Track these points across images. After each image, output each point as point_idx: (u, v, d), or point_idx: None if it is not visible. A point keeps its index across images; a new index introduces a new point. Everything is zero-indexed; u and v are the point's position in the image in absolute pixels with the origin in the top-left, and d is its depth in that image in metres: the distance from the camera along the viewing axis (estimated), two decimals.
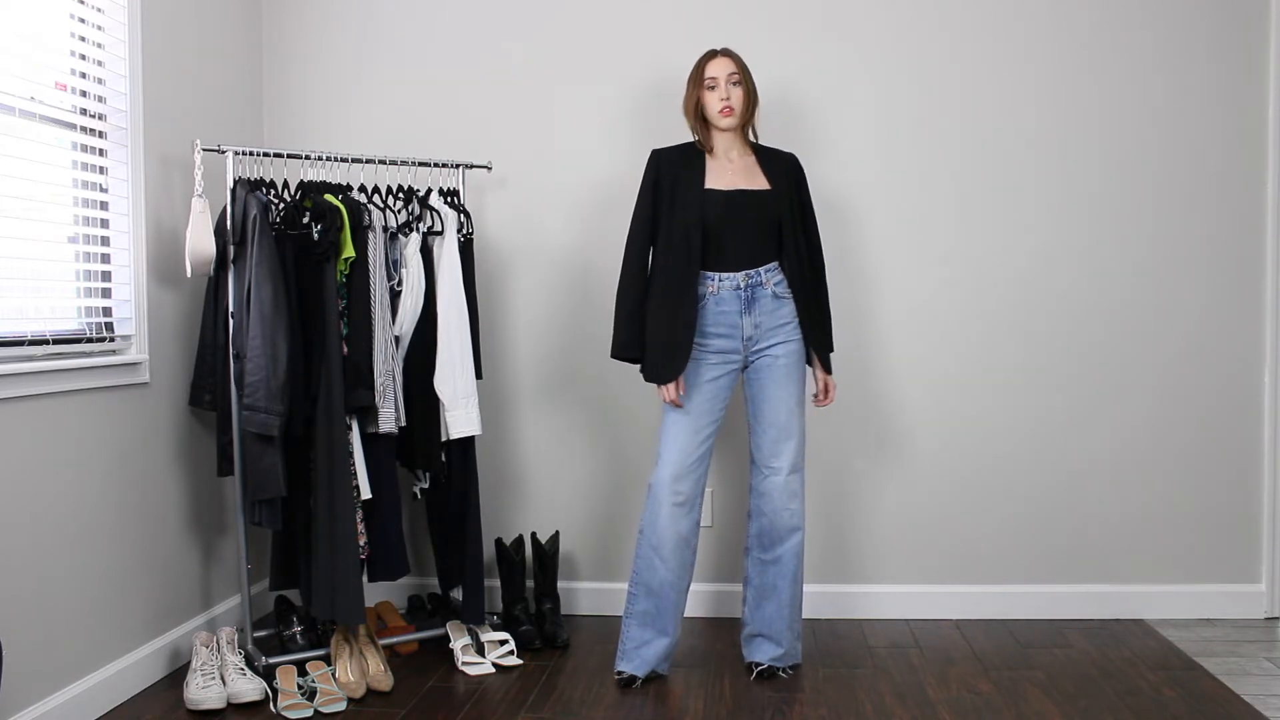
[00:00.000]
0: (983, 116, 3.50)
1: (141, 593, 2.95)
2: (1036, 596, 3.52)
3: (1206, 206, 3.49)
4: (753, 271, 2.94)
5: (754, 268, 2.94)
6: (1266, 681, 2.93)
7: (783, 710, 2.76)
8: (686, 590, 3.01)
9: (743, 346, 2.95)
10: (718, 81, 2.95)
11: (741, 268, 2.94)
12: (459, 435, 3.15)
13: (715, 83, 2.95)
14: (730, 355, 2.95)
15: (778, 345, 2.96)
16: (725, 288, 2.94)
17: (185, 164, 3.14)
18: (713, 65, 2.97)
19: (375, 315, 3.03)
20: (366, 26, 3.64)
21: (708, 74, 2.97)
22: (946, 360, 3.54)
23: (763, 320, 2.95)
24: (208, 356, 3.10)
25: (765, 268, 2.95)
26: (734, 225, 2.93)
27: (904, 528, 3.56)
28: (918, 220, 3.52)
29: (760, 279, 2.94)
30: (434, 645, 3.27)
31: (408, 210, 3.20)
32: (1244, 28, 3.45)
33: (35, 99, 2.60)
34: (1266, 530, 3.50)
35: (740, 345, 2.95)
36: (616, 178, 3.53)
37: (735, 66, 2.97)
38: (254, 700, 2.80)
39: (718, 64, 2.97)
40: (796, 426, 2.98)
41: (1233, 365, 3.50)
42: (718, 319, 2.94)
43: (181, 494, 3.15)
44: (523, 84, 3.60)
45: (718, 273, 2.93)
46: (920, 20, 3.51)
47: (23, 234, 2.59)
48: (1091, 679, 2.96)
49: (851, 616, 3.54)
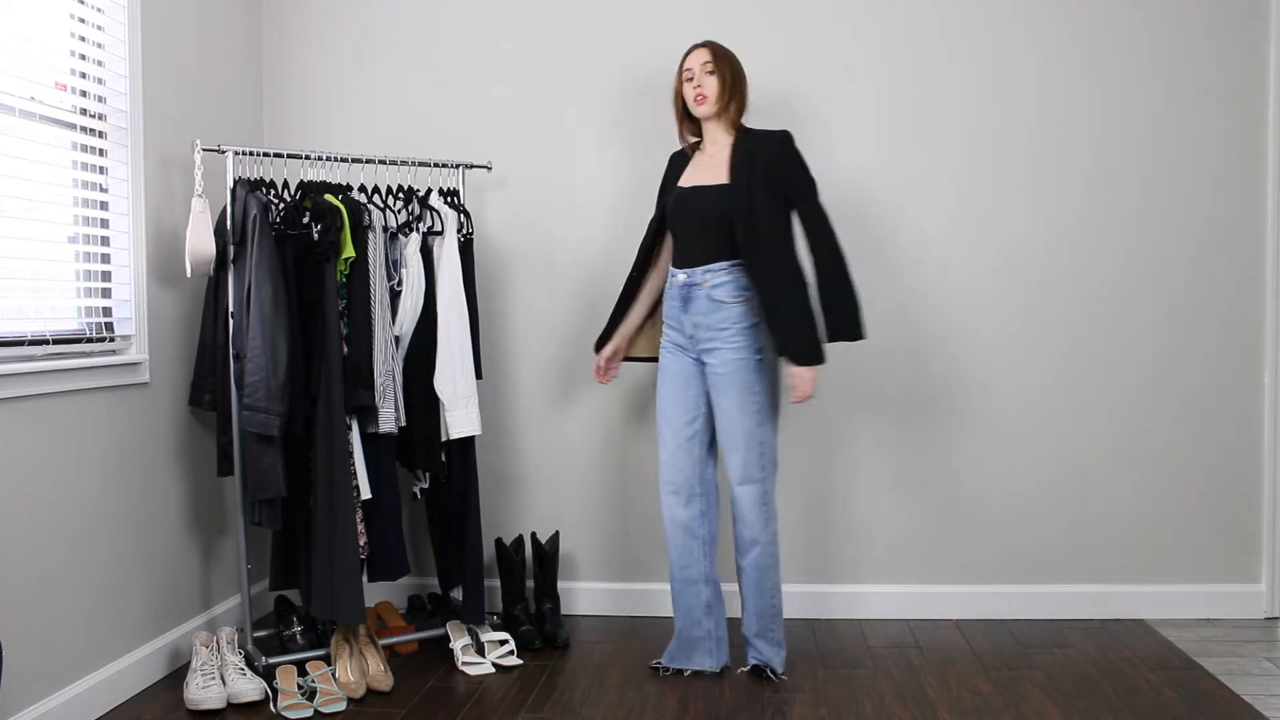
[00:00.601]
0: (982, 114, 3.50)
1: (141, 593, 2.95)
2: (1036, 596, 3.52)
3: (1206, 206, 3.48)
4: (692, 271, 2.94)
5: (693, 267, 2.94)
6: (1266, 681, 2.93)
7: (783, 710, 2.76)
8: (700, 583, 3.00)
9: (688, 343, 2.98)
10: (693, 72, 2.98)
11: (684, 266, 2.97)
12: (459, 435, 3.15)
13: (691, 74, 2.98)
14: (685, 350, 2.99)
15: (715, 351, 2.91)
16: (674, 284, 2.99)
17: (185, 164, 3.14)
18: (690, 57, 3.00)
19: (375, 315, 3.03)
20: (366, 26, 3.64)
21: (685, 66, 3.01)
22: (944, 360, 3.53)
23: (700, 321, 2.93)
24: (208, 356, 3.10)
25: (706, 268, 2.90)
26: (682, 223, 2.98)
27: (904, 527, 3.56)
28: (912, 218, 3.52)
29: (697, 280, 2.92)
30: (434, 645, 3.27)
31: (408, 210, 3.20)
32: (1244, 28, 3.44)
33: (35, 99, 2.60)
34: (1266, 530, 3.50)
35: (686, 341, 2.98)
36: (617, 177, 3.54)
37: (709, 55, 2.97)
38: (254, 700, 2.80)
39: (694, 55, 3.00)
40: (740, 437, 2.89)
41: (1233, 365, 3.50)
42: (668, 313, 3.02)
43: (181, 494, 3.15)
44: (523, 84, 3.60)
45: (676, 269, 3.00)
46: (919, 21, 3.50)
47: (23, 234, 2.59)
48: (1091, 679, 2.96)
49: (851, 616, 3.54)
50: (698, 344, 2.95)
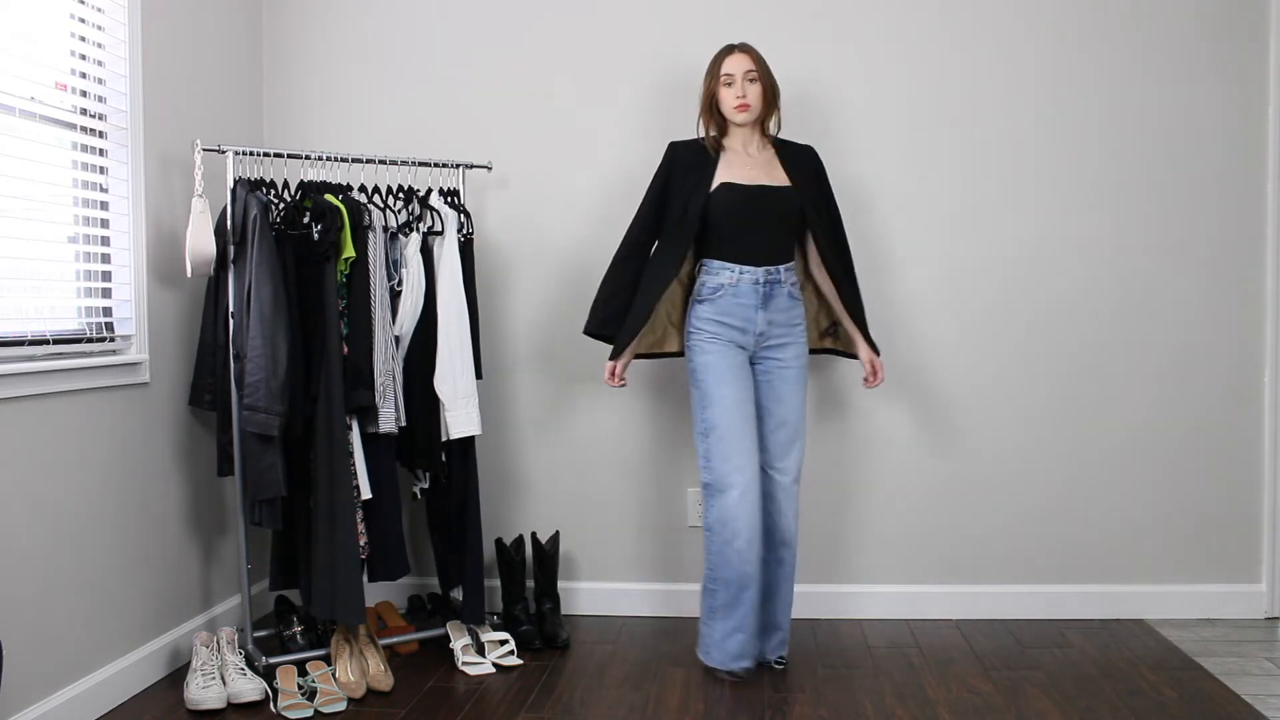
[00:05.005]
0: (983, 114, 3.50)
1: (141, 593, 2.95)
2: (1036, 596, 3.52)
3: (1206, 206, 3.48)
4: (773, 269, 2.96)
5: (774, 264, 2.96)
6: (1266, 681, 2.93)
7: (783, 710, 2.76)
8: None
9: (754, 342, 2.97)
10: (734, 78, 2.96)
11: (761, 263, 2.95)
12: (459, 435, 3.15)
13: (732, 79, 2.96)
14: (743, 348, 2.98)
15: (790, 346, 2.99)
16: (745, 281, 2.95)
17: (185, 164, 3.14)
18: (730, 61, 2.97)
19: (375, 315, 3.03)
20: (366, 26, 3.64)
21: (724, 70, 2.97)
22: (946, 361, 3.53)
23: (776, 318, 2.97)
24: (208, 356, 3.10)
25: (785, 266, 2.99)
26: (755, 220, 2.95)
27: (904, 527, 3.56)
28: (915, 220, 3.52)
29: (779, 277, 2.97)
30: (434, 645, 3.27)
31: (408, 210, 3.20)
32: (1244, 27, 3.45)
33: (35, 99, 2.60)
34: (1266, 530, 3.50)
35: (752, 340, 2.97)
36: (617, 177, 3.53)
37: (753, 63, 2.97)
38: (254, 700, 2.80)
39: (735, 60, 2.97)
40: (800, 431, 3.02)
41: (1233, 365, 3.50)
42: (730, 310, 2.95)
43: (181, 494, 3.15)
44: (523, 84, 3.60)
45: (739, 265, 2.95)
46: (927, 24, 3.50)
47: (23, 234, 2.59)
48: (1092, 679, 2.96)
49: (851, 616, 3.54)
50: (767, 340, 2.97)
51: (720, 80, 2.98)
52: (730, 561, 2.89)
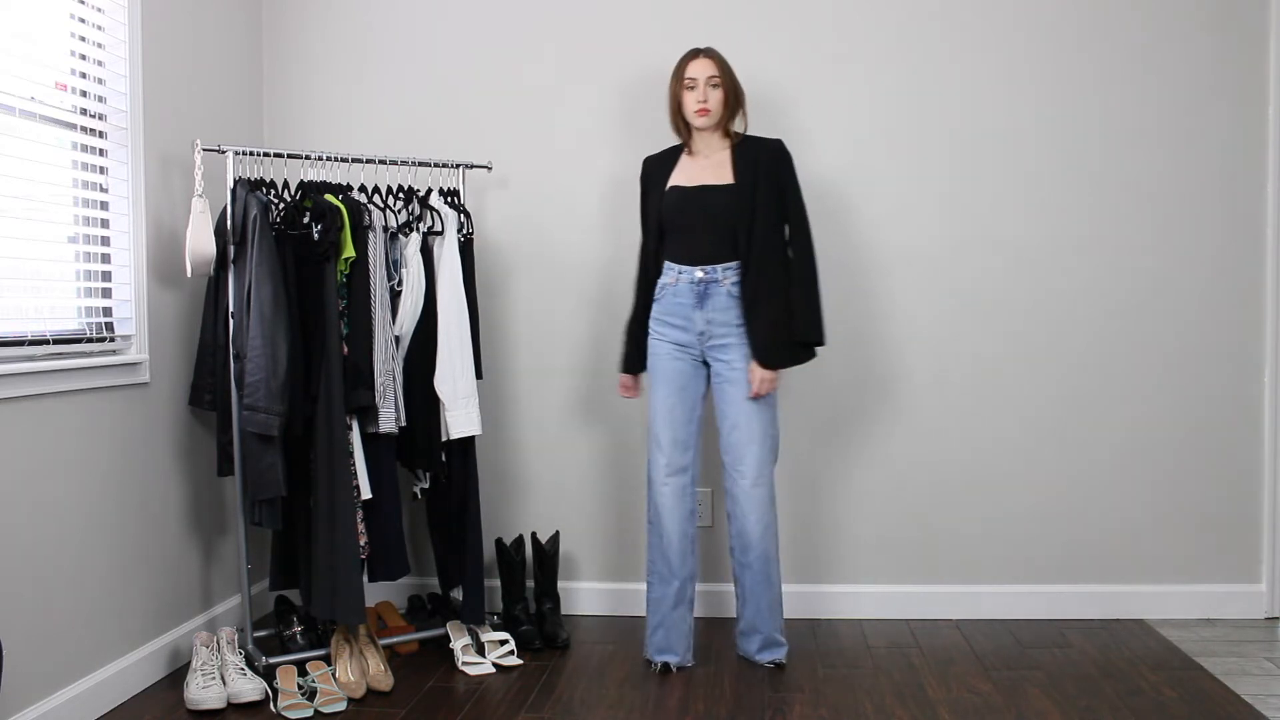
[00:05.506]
0: (980, 113, 3.50)
1: (141, 593, 2.95)
2: (1036, 596, 3.52)
3: (1206, 206, 3.48)
4: (710, 268, 2.96)
5: (712, 264, 2.96)
6: (1266, 681, 2.93)
7: (783, 710, 2.76)
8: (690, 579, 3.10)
9: (697, 340, 2.99)
10: (696, 83, 2.98)
11: (698, 262, 2.97)
12: (459, 435, 3.16)
13: (694, 84, 2.99)
14: (688, 348, 3.00)
15: (733, 346, 2.97)
16: (683, 281, 2.98)
17: (185, 164, 3.14)
18: (693, 65, 3.00)
19: (375, 315, 3.03)
20: (367, 27, 3.64)
21: (687, 74, 3.00)
22: (945, 360, 3.53)
23: (715, 317, 2.97)
24: (208, 356, 3.10)
25: (725, 265, 2.96)
26: (690, 220, 2.98)
27: (904, 527, 3.56)
28: (910, 217, 3.52)
29: (717, 276, 2.96)
30: (434, 645, 3.27)
31: (408, 210, 3.20)
32: (1244, 27, 3.44)
33: (35, 99, 2.60)
34: (1266, 530, 3.50)
35: (695, 339, 2.99)
36: (617, 177, 3.54)
37: (715, 69, 2.98)
38: (254, 700, 2.80)
39: (698, 65, 3.00)
40: (758, 433, 2.97)
41: (1233, 365, 3.50)
42: (671, 310, 3.00)
43: (181, 494, 3.15)
44: (523, 84, 3.60)
45: (678, 265, 2.99)
46: (916, 19, 3.50)
47: (23, 234, 2.59)
48: (1092, 679, 2.96)
49: (851, 616, 3.54)
50: (708, 340, 2.97)
51: (683, 84, 3.00)
52: (656, 556, 3.05)
